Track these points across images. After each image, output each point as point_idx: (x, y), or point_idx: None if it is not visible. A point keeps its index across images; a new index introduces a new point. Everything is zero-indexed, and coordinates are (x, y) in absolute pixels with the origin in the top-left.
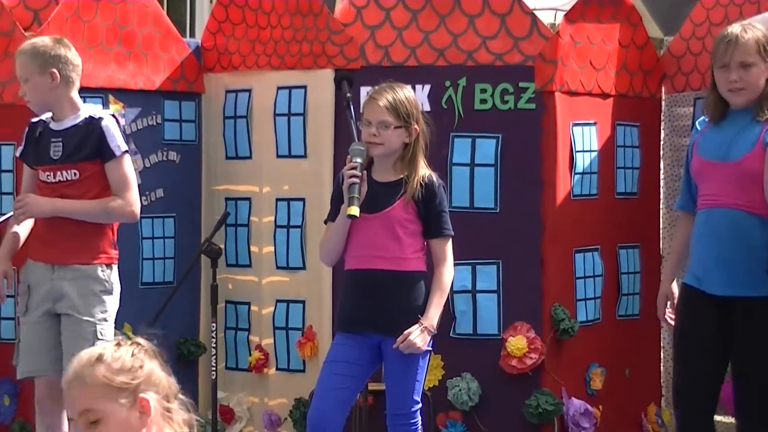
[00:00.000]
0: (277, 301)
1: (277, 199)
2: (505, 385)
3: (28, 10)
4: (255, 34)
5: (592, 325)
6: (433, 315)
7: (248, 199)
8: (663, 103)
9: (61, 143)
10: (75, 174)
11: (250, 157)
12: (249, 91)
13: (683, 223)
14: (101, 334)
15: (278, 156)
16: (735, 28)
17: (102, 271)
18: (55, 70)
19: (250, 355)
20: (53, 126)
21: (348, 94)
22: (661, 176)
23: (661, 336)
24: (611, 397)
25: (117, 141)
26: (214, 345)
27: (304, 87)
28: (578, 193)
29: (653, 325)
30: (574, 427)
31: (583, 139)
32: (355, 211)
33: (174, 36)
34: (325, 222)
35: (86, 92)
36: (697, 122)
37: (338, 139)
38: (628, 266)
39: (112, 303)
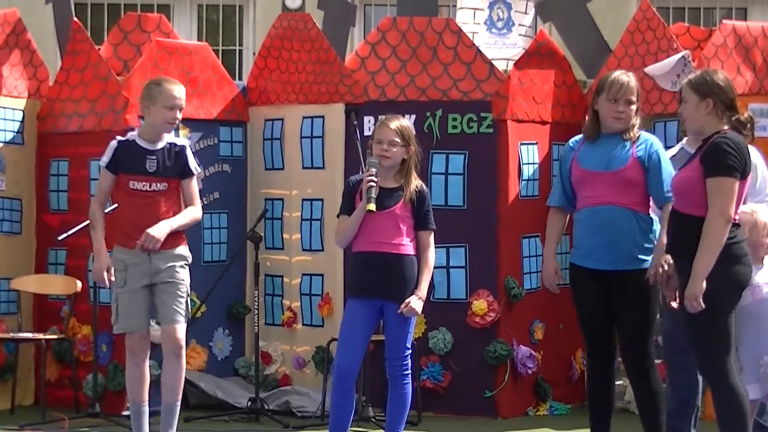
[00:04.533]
0: (303, 274)
1: (303, 200)
2: (471, 336)
3: (119, 60)
4: (286, 77)
5: (535, 292)
6: (424, 288)
7: (281, 199)
8: None
9: (156, 160)
10: (165, 186)
11: (282, 169)
12: (282, 120)
13: (557, 217)
14: (185, 292)
15: (303, 167)
16: (625, 76)
17: (182, 249)
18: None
19: (283, 314)
20: (144, 145)
21: (354, 122)
22: None
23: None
24: (549, 344)
25: (194, 163)
26: (257, 307)
27: (323, 117)
28: (525, 195)
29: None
30: (522, 366)
31: (528, 154)
32: (372, 207)
33: (227, 79)
34: (338, 216)
35: None
36: (570, 142)
37: (347, 155)
38: (560, 248)
39: (187, 273)
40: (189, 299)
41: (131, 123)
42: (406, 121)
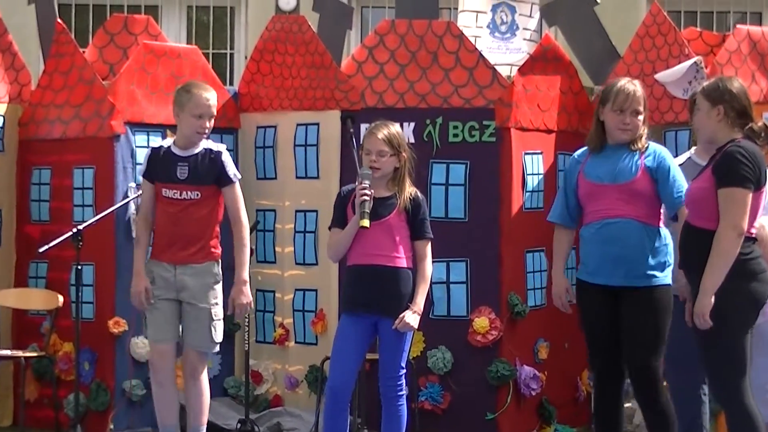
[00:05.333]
0: (296, 289)
1: (296, 211)
2: (472, 355)
3: (105, 64)
4: (279, 83)
5: (539, 308)
6: (420, 301)
7: (274, 210)
8: None
9: (187, 167)
10: (197, 194)
11: (275, 178)
12: (275, 127)
13: (563, 234)
14: (215, 315)
15: (297, 177)
16: (631, 85)
17: (213, 266)
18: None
19: (275, 331)
20: (177, 151)
21: (351, 130)
22: None
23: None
24: (554, 364)
25: (233, 170)
26: (247, 323)
27: (317, 124)
28: (529, 207)
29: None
30: (525, 388)
31: (533, 164)
32: (366, 223)
33: (217, 84)
34: (330, 228)
35: (149, 127)
36: (575, 155)
37: (343, 165)
38: (567, 263)
39: (220, 289)
40: (221, 322)
41: (117, 129)
42: (396, 128)
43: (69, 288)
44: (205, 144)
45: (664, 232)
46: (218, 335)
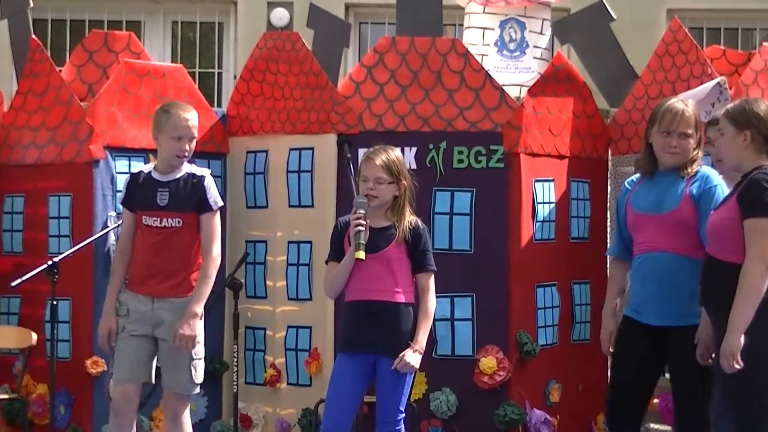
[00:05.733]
0: (288, 326)
1: (289, 242)
2: (478, 398)
3: (83, 84)
4: (271, 104)
5: (551, 347)
6: (422, 339)
7: (265, 241)
8: (609, 163)
9: (167, 192)
10: (179, 222)
11: (266, 207)
12: (266, 151)
13: (617, 268)
14: (196, 354)
15: (290, 206)
16: (679, 104)
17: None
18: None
19: (266, 372)
20: (157, 176)
21: (348, 155)
22: (608, 224)
23: (608, 357)
24: (567, 408)
25: (215, 197)
26: (236, 363)
27: (312, 149)
28: (539, 238)
29: (601, 348)
30: None
31: (543, 192)
32: (362, 255)
33: (204, 106)
34: (326, 262)
35: (131, 152)
36: (626, 182)
37: (340, 192)
38: (581, 299)
39: (201, 326)
40: (202, 362)
41: (96, 154)
42: (395, 153)
43: (43, 325)
44: (188, 168)
45: None
46: (199, 376)
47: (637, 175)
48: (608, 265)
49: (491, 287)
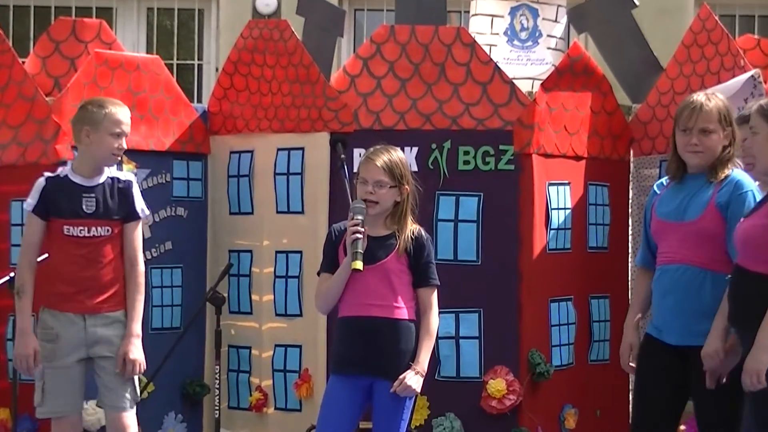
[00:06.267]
0: (276, 345)
1: (277, 252)
2: (486, 424)
3: (49, 77)
4: (257, 100)
5: (566, 369)
6: (424, 360)
7: (250, 251)
8: (631, 164)
9: (94, 198)
10: (108, 230)
11: (252, 213)
12: (251, 152)
13: (642, 279)
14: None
15: (278, 212)
16: (700, 97)
17: (125, 315)
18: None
19: (251, 395)
20: (79, 180)
21: (342, 156)
22: (629, 232)
23: (629, 379)
24: None
25: (142, 204)
26: (218, 386)
27: (302, 149)
28: (553, 248)
29: (622, 369)
30: None
31: (558, 197)
32: (359, 265)
33: (183, 101)
34: (318, 273)
35: None
36: (654, 185)
37: (333, 197)
38: (599, 315)
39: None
40: (137, 377)
41: (63, 155)
42: (398, 154)
43: (5, 344)
44: (109, 172)
45: None
46: (138, 390)
47: (666, 177)
48: (631, 276)
49: (500, 302)
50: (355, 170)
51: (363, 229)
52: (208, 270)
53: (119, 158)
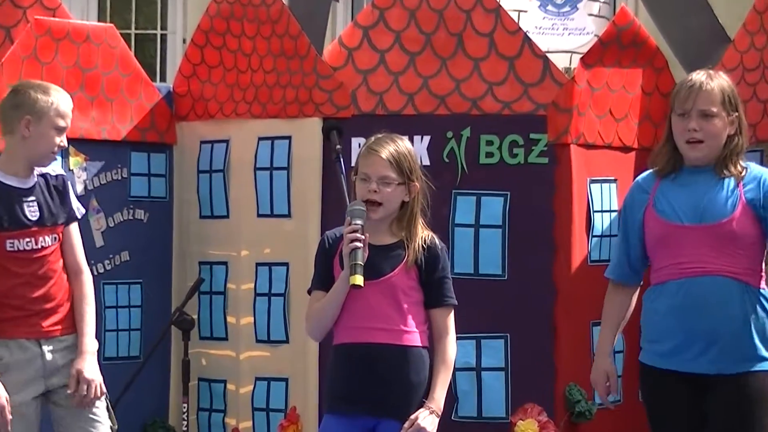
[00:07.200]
0: (257, 378)
1: (258, 264)
2: None
3: None
4: (234, 78)
5: (612, 407)
6: (440, 396)
7: (225, 263)
8: None
9: (35, 203)
10: (55, 239)
11: (227, 216)
12: (226, 142)
13: (617, 295)
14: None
15: (259, 215)
16: (700, 75)
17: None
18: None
19: None
20: (13, 182)
21: (338, 146)
22: None
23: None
24: None
25: (77, 202)
26: (186, 428)
27: (289, 138)
28: (596, 258)
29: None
30: None
31: (602, 197)
32: (359, 280)
33: (143, 80)
34: (309, 291)
35: None
36: (638, 179)
37: (326, 197)
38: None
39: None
40: (109, 407)
41: None
42: (406, 144)
43: None
44: (37, 169)
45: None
46: (112, 417)
47: (649, 172)
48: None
49: (531, 325)
50: (353, 164)
51: (363, 237)
52: (173, 286)
53: (55, 158)
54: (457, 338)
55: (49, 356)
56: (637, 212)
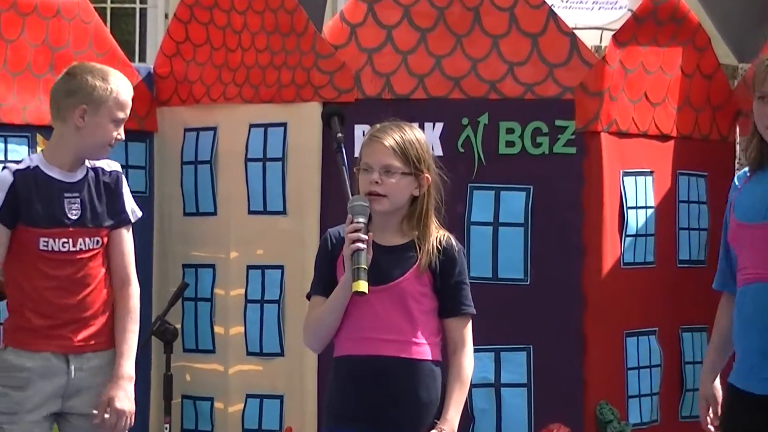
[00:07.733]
0: (248, 395)
1: (249, 267)
2: None
3: None
4: (222, 58)
5: (648, 428)
6: (454, 415)
7: (212, 266)
8: (737, 147)
9: (79, 200)
10: (97, 242)
11: (214, 213)
12: (214, 129)
13: (724, 307)
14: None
15: (250, 212)
16: None
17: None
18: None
19: None
20: (57, 175)
21: (339, 134)
22: None
23: None
24: None
25: (132, 203)
26: None
27: (284, 125)
28: (630, 261)
29: None
30: None
31: (636, 192)
32: (363, 287)
33: (120, 60)
34: (308, 296)
35: (8, 130)
36: (736, 177)
37: (326, 192)
38: (694, 354)
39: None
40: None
41: None
42: (415, 132)
43: None
44: (89, 162)
45: None
46: None
47: (746, 169)
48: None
49: (557, 336)
50: (356, 155)
51: (366, 237)
52: (154, 292)
53: (108, 153)
54: (474, 351)
55: (74, 374)
56: (727, 213)
